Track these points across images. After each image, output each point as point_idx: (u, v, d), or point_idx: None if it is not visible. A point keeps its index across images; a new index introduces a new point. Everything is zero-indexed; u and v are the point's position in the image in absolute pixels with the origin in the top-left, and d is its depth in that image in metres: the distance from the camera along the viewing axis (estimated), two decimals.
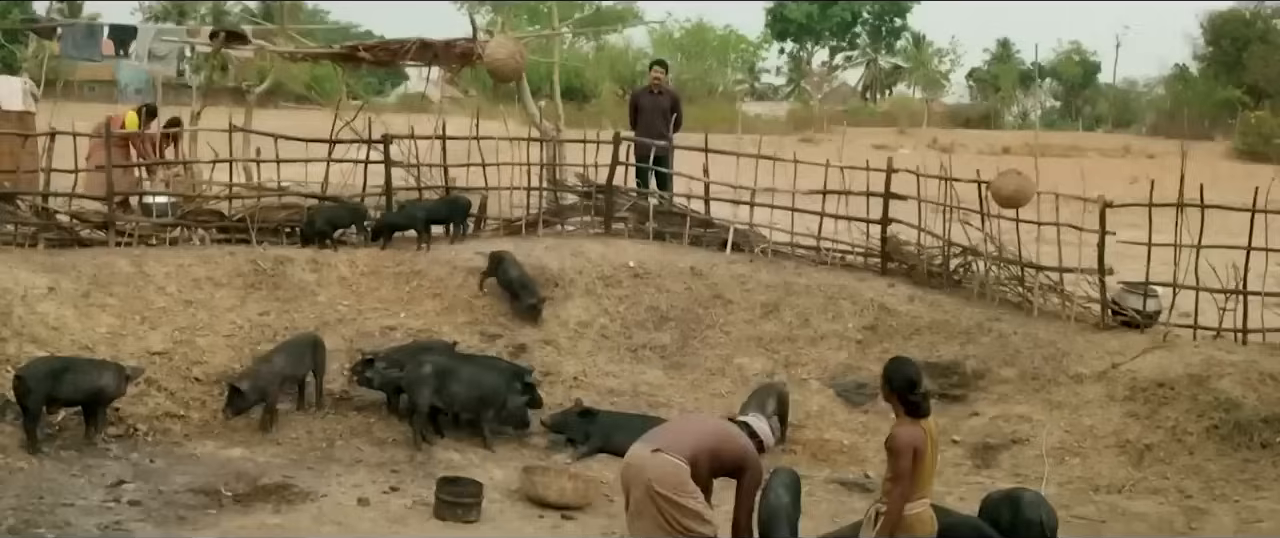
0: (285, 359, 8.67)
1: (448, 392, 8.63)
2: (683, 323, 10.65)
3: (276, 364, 8.59)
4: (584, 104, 47.53)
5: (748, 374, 10.15)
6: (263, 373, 8.49)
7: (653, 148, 12.34)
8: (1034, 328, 10.24)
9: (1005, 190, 10.39)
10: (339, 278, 10.74)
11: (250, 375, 8.41)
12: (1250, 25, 58.14)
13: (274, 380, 8.54)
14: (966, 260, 11.17)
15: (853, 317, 10.66)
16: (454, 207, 11.53)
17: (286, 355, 8.72)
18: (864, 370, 10.14)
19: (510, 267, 10.20)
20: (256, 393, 8.41)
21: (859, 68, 78.58)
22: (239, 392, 8.30)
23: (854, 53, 77.78)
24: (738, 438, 5.98)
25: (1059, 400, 9.40)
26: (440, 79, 14.08)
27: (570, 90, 50.79)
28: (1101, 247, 10.18)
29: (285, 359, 8.67)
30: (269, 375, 8.51)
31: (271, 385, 8.52)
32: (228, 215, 11.35)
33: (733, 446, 5.92)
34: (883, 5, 73.70)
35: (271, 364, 8.57)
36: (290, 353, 8.76)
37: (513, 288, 10.15)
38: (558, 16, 14.50)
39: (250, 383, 8.35)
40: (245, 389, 8.30)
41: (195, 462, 8.10)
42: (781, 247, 11.79)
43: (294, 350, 8.81)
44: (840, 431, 9.51)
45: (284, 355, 8.71)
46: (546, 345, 10.18)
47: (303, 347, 8.89)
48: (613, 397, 9.58)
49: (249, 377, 8.40)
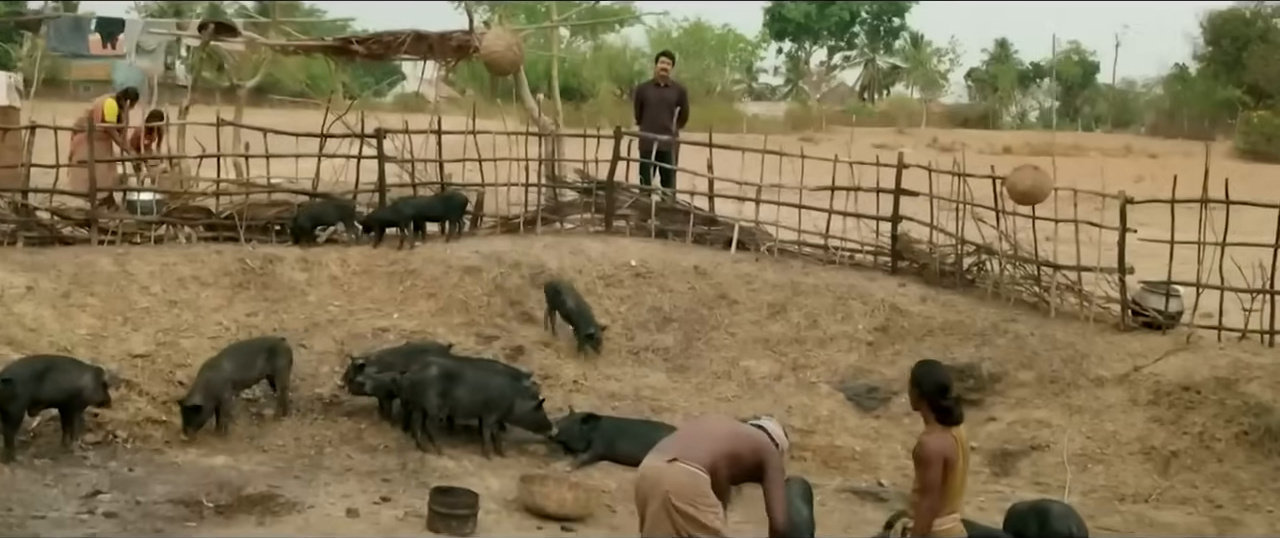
0: (233, 364, 8.25)
1: (452, 396, 8.26)
2: (686, 324, 10.28)
3: (225, 370, 8.17)
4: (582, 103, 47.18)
5: (754, 377, 9.81)
6: (213, 381, 8.07)
7: (656, 143, 11.93)
8: (1052, 329, 9.88)
9: (1021, 186, 10.02)
10: (330, 277, 10.38)
11: (201, 388, 7.99)
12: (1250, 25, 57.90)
13: (225, 387, 8.14)
14: (980, 259, 10.81)
15: (863, 318, 10.29)
16: (449, 204, 11.14)
17: (234, 360, 8.30)
18: (875, 373, 9.80)
19: (567, 296, 9.85)
20: (211, 403, 8.01)
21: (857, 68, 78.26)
22: (197, 409, 7.88)
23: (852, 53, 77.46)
24: (754, 435, 5.60)
25: (1079, 405, 9.04)
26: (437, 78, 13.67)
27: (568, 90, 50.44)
28: (1122, 244, 9.82)
29: (233, 364, 8.25)
30: (219, 382, 8.10)
31: (224, 392, 8.12)
32: (215, 213, 10.95)
33: (751, 445, 5.54)
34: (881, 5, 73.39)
35: (220, 370, 8.15)
36: (238, 357, 8.34)
37: (571, 318, 9.77)
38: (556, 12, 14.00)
39: (203, 395, 7.93)
40: (201, 403, 7.88)
41: (176, 471, 7.69)
42: (788, 245, 11.43)
43: (243, 355, 8.39)
44: (851, 437, 9.14)
45: (232, 360, 8.29)
46: (545, 348, 9.81)
47: (253, 351, 8.46)
48: (614, 401, 9.22)
49: (200, 390, 7.97)
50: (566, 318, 9.81)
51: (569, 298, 9.84)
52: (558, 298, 9.85)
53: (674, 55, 12.88)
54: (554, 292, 9.90)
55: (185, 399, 7.88)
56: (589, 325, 9.67)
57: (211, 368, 8.11)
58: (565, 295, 9.86)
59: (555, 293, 9.89)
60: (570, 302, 9.81)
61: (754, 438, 5.52)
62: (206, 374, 8.05)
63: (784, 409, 9.31)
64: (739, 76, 71.50)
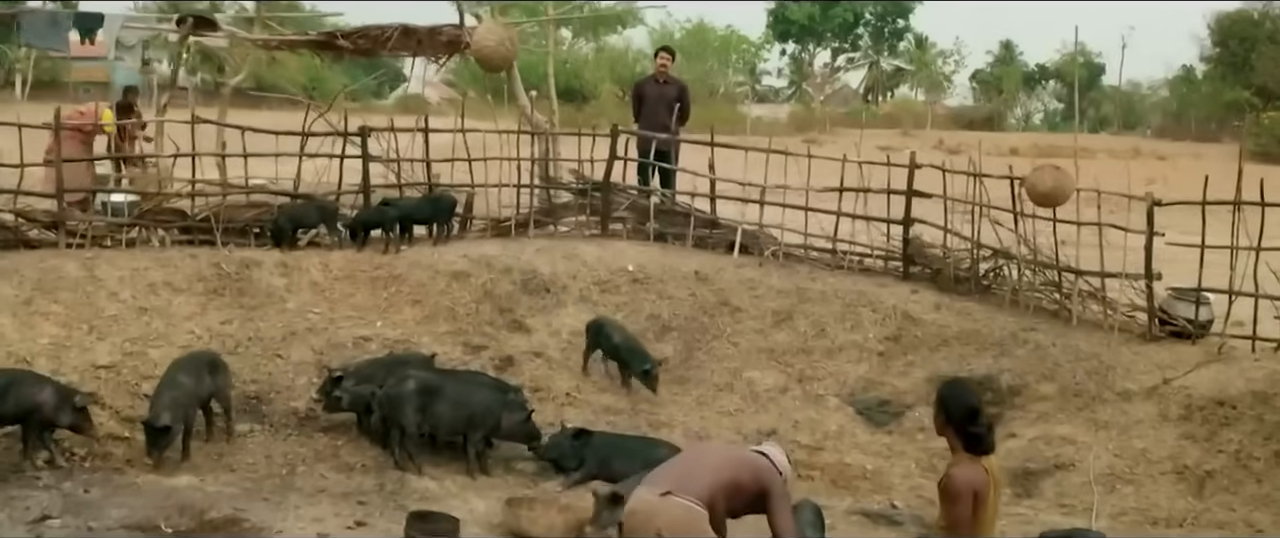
0: (190, 380, 7.67)
1: (433, 412, 7.70)
2: (687, 333, 9.75)
3: (187, 385, 7.59)
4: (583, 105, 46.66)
5: (758, 389, 9.26)
6: (179, 399, 7.48)
7: (654, 142, 11.37)
8: (1074, 339, 9.32)
9: (1041, 187, 9.45)
10: (310, 283, 9.87)
11: (168, 406, 7.39)
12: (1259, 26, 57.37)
13: (192, 403, 7.57)
14: (997, 264, 10.25)
15: (873, 326, 9.74)
16: (437, 205, 10.61)
17: (190, 374, 7.72)
18: (887, 386, 9.27)
19: (612, 331, 9.01)
20: (180, 423, 7.43)
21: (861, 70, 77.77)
22: (166, 430, 7.28)
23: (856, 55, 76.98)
24: (755, 462, 5.04)
25: (1105, 420, 8.48)
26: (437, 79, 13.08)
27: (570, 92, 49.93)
28: (1149, 248, 9.27)
29: (190, 380, 7.67)
30: (186, 399, 7.53)
31: (190, 409, 7.55)
32: (191, 215, 10.40)
33: (752, 472, 4.98)
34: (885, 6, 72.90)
35: (181, 387, 7.57)
36: (191, 371, 7.76)
37: (619, 355, 8.91)
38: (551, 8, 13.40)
39: (170, 414, 7.34)
40: (170, 424, 7.29)
41: (135, 492, 7.12)
42: (794, 249, 10.87)
43: (193, 368, 7.81)
44: (862, 454, 8.59)
45: (188, 374, 7.71)
46: (536, 358, 9.27)
47: (199, 366, 7.86)
48: (609, 415, 8.68)
49: (167, 408, 7.37)
50: (613, 356, 8.94)
51: (615, 333, 8.98)
52: (602, 335, 8.98)
53: (674, 50, 12.31)
54: (597, 329, 9.04)
55: (152, 419, 7.29)
56: (644, 361, 8.74)
57: (173, 386, 7.53)
58: (610, 331, 9.00)
59: (598, 330, 9.02)
60: (616, 337, 8.94)
61: (755, 465, 4.95)
62: (170, 393, 7.46)
63: (790, 424, 8.84)
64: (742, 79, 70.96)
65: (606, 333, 8.99)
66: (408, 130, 10.91)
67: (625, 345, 8.89)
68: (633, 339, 9.00)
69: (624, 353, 8.87)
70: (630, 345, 8.90)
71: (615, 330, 9.04)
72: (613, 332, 9.00)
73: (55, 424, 7.31)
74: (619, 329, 9.09)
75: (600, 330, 9.03)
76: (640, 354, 8.84)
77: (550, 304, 9.85)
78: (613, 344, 8.93)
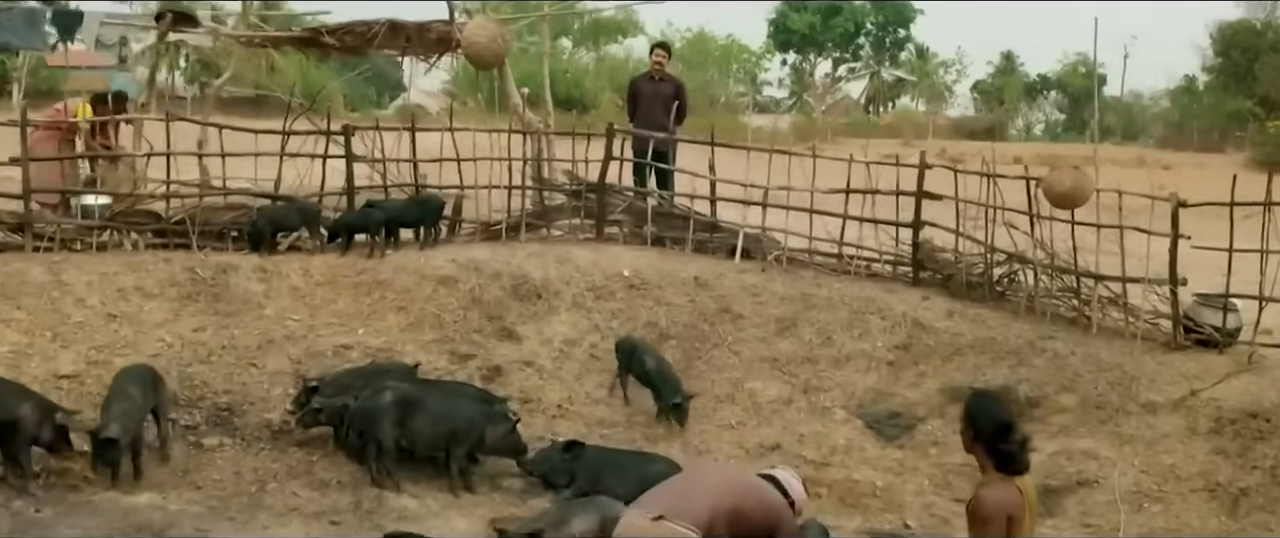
0: (140, 392, 7.17)
1: (412, 426, 7.22)
2: (686, 341, 9.25)
3: (136, 398, 7.09)
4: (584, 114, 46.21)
5: (761, 401, 8.76)
6: (130, 412, 6.97)
7: (652, 141, 10.87)
8: (1094, 347, 8.83)
9: (1059, 188, 8.97)
10: (290, 288, 9.39)
11: (119, 418, 6.89)
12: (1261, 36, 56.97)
13: (141, 416, 7.07)
14: (1012, 269, 9.75)
15: (882, 334, 9.25)
16: (425, 208, 10.12)
17: (140, 386, 7.22)
18: (897, 397, 8.78)
19: (645, 356, 8.38)
20: (129, 436, 6.92)
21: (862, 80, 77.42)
22: (112, 442, 6.76)
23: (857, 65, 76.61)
24: (765, 492, 4.49)
25: (1130, 434, 7.99)
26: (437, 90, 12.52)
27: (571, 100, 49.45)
28: (1174, 252, 8.78)
29: (140, 392, 7.17)
30: (136, 412, 7.02)
31: (140, 423, 7.05)
32: (165, 217, 9.91)
33: (758, 501, 4.42)
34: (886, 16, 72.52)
35: (131, 399, 7.06)
36: (141, 385, 7.25)
37: (650, 382, 8.28)
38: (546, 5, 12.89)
39: (120, 426, 6.83)
40: (117, 437, 6.78)
41: (91, 511, 6.65)
42: (798, 254, 10.36)
43: (140, 380, 7.30)
44: (872, 470, 8.10)
45: (138, 386, 7.21)
46: (526, 368, 8.78)
47: (144, 378, 7.35)
48: (602, 429, 8.21)
49: (118, 419, 6.86)
50: (644, 381, 8.32)
51: (648, 358, 8.35)
52: (634, 358, 8.37)
53: (670, 46, 11.79)
54: (629, 351, 8.44)
55: (98, 429, 6.79)
56: (674, 393, 8.13)
57: (123, 397, 7.02)
58: (643, 355, 8.37)
59: (630, 352, 8.42)
60: (649, 362, 8.32)
61: (763, 493, 4.42)
62: (120, 404, 6.95)
63: (794, 437, 8.36)
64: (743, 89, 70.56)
65: (639, 357, 8.35)
66: (393, 129, 10.42)
67: (658, 373, 8.25)
68: (667, 366, 8.37)
69: (655, 380, 8.23)
70: (664, 373, 8.26)
71: (649, 355, 8.38)
72: (646, 356, 8.35)
73: (35, 441, 6.82)
74: (652, 353, 8.45)
75: (633, 354, 8.39)
76: (672, 384, 8.20)
77: (542, 311, 9.36)
78: (644, 370, 8.29)
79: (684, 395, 8.15)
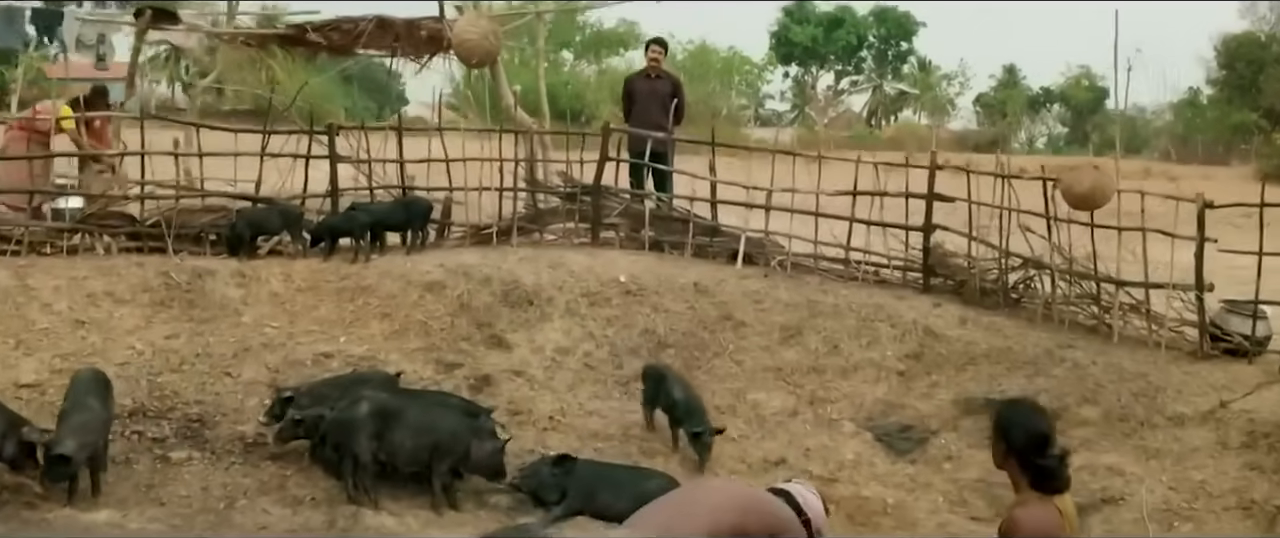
0: (100, 402, 6.70)
1: (391, 439, 6.75)
2: (685, 350, 8.80)
3: (95, 409, 6.62)
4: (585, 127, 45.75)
5: (764, 413, 8.30)
6: (89, 425, 6.49)
7: (649, 141, 10.42)
8: (1116, 357, 8.37)
9: (1078, 188, 8.52)
10: (270, 294, 8.97)
11: (75, 431, 6.41)
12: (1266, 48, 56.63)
13: (102, 430, 6.61)
14: (1028, 275, 9.28)
15: (892, 343, 8.79)
16: (412, 210, 9.68)
17: (98, 397, 6.75)
18: (908, 409, 8.32)
19: (673, 384, 7.78)
20: (87, 451, 6.45)
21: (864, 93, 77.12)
22: (65, 460, 6.28)
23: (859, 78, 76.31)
24: (773, 509, 3.93)
25: (1157, 448, 7.52)
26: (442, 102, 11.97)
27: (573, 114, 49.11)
28: (1200, 257, 8.32)
29: (100, 402, 6.70)
30: (96, 425, 6.55)
31: (101, 437, 6.58)
32: (140, 219, 9.47)
33: (763, 519, 3.86)
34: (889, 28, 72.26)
35: (91, 411, 6.59)
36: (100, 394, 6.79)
37: (675, 411, 7.70)
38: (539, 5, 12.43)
39: (77, 442, 6.35)
40: (71, 454, 6.29)
41: (45, 529, 6.19)
42: (803, 259, 9.90)
43: (100, 390, 6.82)
44: (882, 486, 7.65)
45: (98, 396, 6.74)
46: (516, 377, 8.33)
47: (101, 385, 6.88)
48: (597, 442, 7.73)
49: (74, 433, 6.38)
50: (669, 411, 7.76)
51: (676, 387, 7.76)
52: (661, 385, 7.81)
53: (666, 42, 11.31)
54: (656, 377, 7.89)
55: (51, 445, 6.32)
56: (698, 423, 7.50)
57: (80, 408, 6.55)
58: (671, 383, 7.79)
59: (658, 378, 7.86)
60: (676, 392, 7.72)
61: (770, 509, 3.91)
62: (78, 416, 6.48)
63: (800, 451, 7.91)
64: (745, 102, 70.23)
65: (667, 387, 7.77)
66: (380, 129, 9.98)
67: (684, 402, 7.66)
68: (695, 397, 7.78)
69: (680, 410, 7.65)
70: (690, 403, 7.67)
71: (677, 384, 7.79)
72: (674, 385, 7.75)
73: None
74: (681, 383, 7.87)
75: (662, 382, 7.81)
76: (697, 414, 7.60)
77: (533, 318, 8.91)
78: (671, 400, 7.70)
79: (708, 427, 7.51)
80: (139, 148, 9.63)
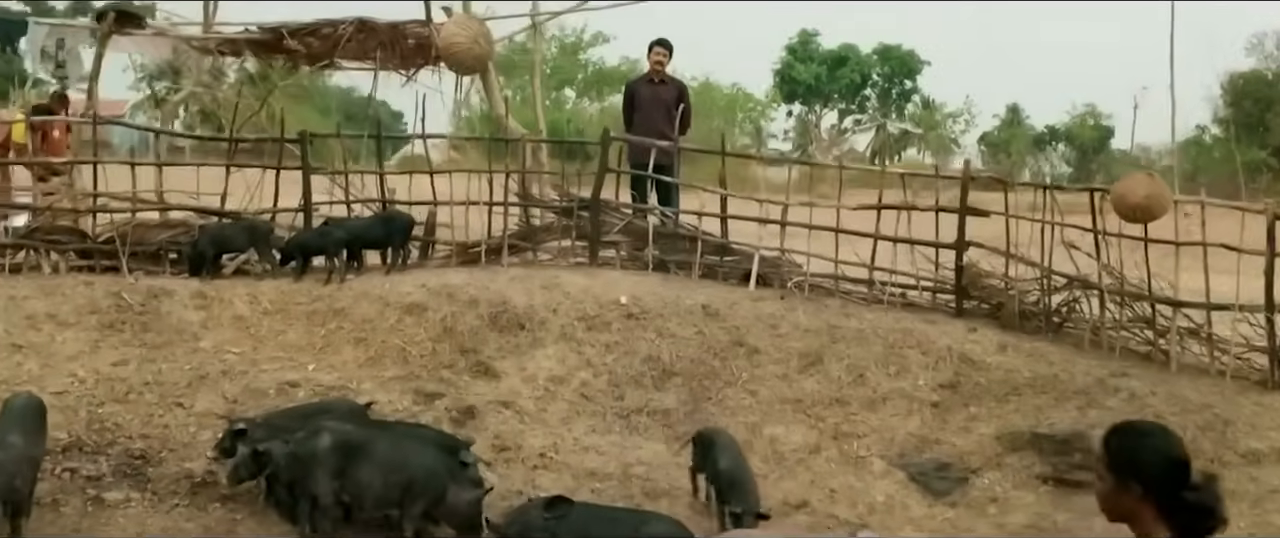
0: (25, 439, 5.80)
1: (355, 477, 5.84)
2: (692, 379, 7.93)
3: (16, 446, 5.71)
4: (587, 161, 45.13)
5: (783, 449, 7.42)
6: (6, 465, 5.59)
7: (653, 151, 9.57)
8: (1177, 387, 7.50)
9: (1132, 198, 7.67)
10: (233, 317, 8.16)
11: None
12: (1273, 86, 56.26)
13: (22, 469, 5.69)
14: (1073, 296, 8.40)
15: (924, 371, 7.89)
16: (391, 226, 8.84)
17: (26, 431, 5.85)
18: (945, 445, 7.43)
19: (721, 454, 6.67)
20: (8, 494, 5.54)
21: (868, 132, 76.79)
22: None
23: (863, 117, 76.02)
24: None
25: (1231, 489, 6.54)
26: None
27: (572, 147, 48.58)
28: (1270, 274, 7.46)
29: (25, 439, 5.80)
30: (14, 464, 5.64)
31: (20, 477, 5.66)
32: (92, 235, 8.64)
33: None
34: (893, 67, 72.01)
35: (11, 448, 5.68)
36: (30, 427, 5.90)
37: (718, 481, 6.62)
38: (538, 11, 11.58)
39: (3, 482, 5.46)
40: None
41: None
42: (822, 280, 9.03)
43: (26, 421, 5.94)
44: (917, 529, 6.81)
45: (23, 432, 5.84)
46: (504, 409, 7.46)
47: (31, 415, 6.01)
48: (594, 482, 6.86)
49: None
50: (712, 481, 6.69)
51: (723, 456, 6.63)
52: (709, 452, 6.73)
53: (671, 44, 10.48)
54: (706, 443, 6.81)
55: None
56: (739, 502, 6.36)
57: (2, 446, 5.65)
58: (718, 451, 6.67)
59: (707, 445, 6.79)
60: (722, 461, 6.61)
61: None
62: None
63: (824, 492, 7.06)
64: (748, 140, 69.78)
65: (714, 454, 6.69)
66: (356, 136, 9.15)
67: (728, 475, 6.56)
68: (742, 469, 6.67)
69: (722, 482, 6.56)
70: (734, 476, 6.55)
71: (725, 452, 6.69)
72: (722, 454, 6.67)
73: None
74: (730, 451, 6.74)
75: (710, 449, 6.74)
76: (741, 491, 6.45)
77: (525, 344, 8.03)
78: (716, 469, 6.63)
79: (751, 507, 6.35)
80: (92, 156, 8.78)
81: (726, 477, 6.47)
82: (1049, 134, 70.02)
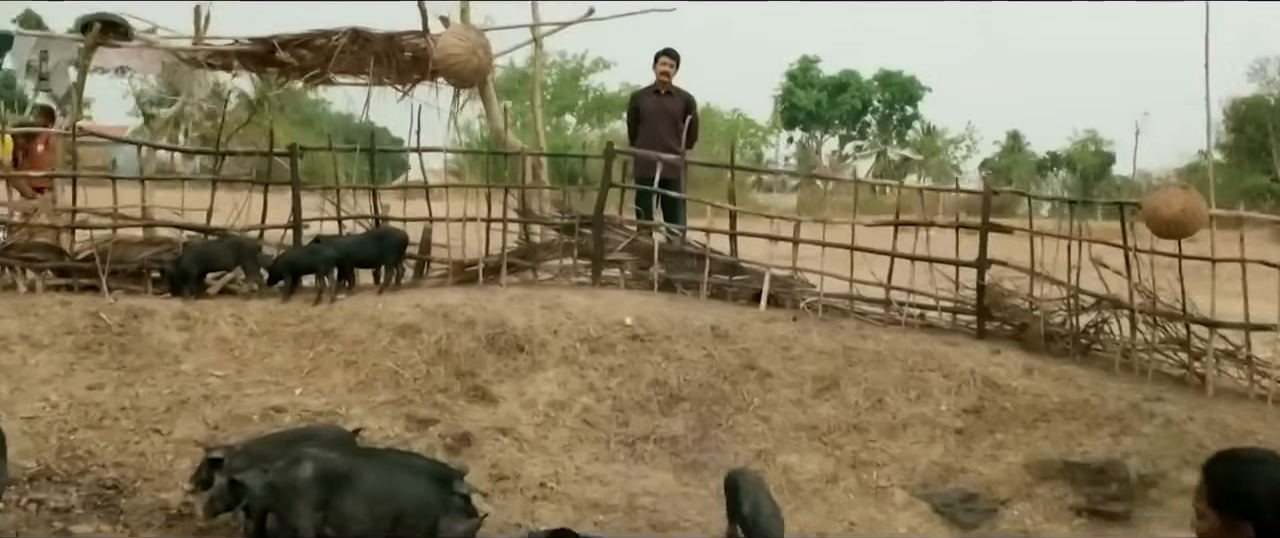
0: None
1: (341, 509, 5.40)
2: (701, 404, 7.52)
3: None
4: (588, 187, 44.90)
5: (798, 478, 7.01)
6: None
7: (659, 166, 9.19)
8: (1216, 412, 7.10)
9: (1166, 212, 7.28)
10: (217, 339, 7.79)
11: None
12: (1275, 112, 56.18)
13: None
14: (1103, 316, 7.99)
15: (946, 396, 7.47)
16: (384, 243, 8.45)
17: None
18: (971, 474, 7.00)
19: (745, 498, 6.16)
20: None
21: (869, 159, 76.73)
22: None
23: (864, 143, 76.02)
24: None
25: None
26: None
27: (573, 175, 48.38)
28: None
29: None
30: None
31: None
32: (70, 252, 8.25)
33: None
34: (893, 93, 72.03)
35: None
36: None
37: (743, 525, 6.16)
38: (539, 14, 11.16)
39: None
40: None
41: None
42: (837, 300, 8.62)
43: None
44: None
45: None
46: (502, 436, 7.03)
47: None
48: (598, 513, 6.43)
49: None
50: (738, 522, 6.19)
51: (746, 500, 6.14)
52: (736, 496, 6.23)
53: (677, 54, 10.11)
54: (732, 486, 6.31)
55: None
56: None
57: None
58: (742, 494, 6.18)
59: (735, 488, 6.28)
60: (746, 505, 6.13)
61: None
62: None
63: (842, 525, 6.64)
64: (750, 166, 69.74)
65: (738, 497, 6.17)
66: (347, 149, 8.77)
67: (752, 517, 6.05)
68: (767, 516, 6.09)
69: (746, 527, 6.07)
70: (758, 521, 6.03)
71: (749, 496, 6.15)
72: (745, 498, 6.14)
73: None
74: (754, 494, 6.18)
75: (736, 490, 6.23)
76: (763, 533, 5.97)
77: (524, 367, 7.63)
78: (740, 515, 6.13)
79: None
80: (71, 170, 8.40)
81: (747, 521, 5.98)
82: (1051, 160, 69.95)
